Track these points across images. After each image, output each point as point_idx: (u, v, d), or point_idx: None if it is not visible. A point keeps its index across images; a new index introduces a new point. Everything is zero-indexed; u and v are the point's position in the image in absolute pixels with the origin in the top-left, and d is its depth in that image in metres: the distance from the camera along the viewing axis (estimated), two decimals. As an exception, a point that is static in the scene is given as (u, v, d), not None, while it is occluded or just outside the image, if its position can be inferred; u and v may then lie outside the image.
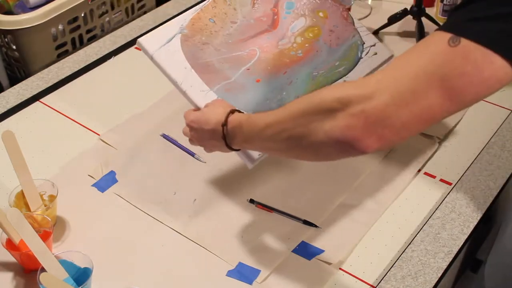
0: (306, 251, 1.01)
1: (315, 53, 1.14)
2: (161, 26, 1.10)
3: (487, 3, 0.63)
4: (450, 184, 1.12)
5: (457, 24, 0.64)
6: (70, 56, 1.47)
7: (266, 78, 1.09)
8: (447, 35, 0.63)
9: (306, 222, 1.05)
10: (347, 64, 1.13)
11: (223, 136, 0.90)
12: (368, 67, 1.14)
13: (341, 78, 1.12)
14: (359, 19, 1.23)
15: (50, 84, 1.38)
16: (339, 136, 0.67)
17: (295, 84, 1.09)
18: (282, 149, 0.79)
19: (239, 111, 0.91)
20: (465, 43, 0.62)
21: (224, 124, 0.89)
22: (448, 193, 1.11)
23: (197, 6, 1.13)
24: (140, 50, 1.48)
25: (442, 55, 0.63)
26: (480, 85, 0.63)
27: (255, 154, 1.00)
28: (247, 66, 1.09)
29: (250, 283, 0.97)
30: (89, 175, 1.15)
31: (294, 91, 1.09)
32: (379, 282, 0.97)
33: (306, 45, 1.14)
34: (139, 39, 1.07)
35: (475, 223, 1.05)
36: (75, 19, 1.50)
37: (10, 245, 0.96)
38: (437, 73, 0.63)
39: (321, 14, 1.18)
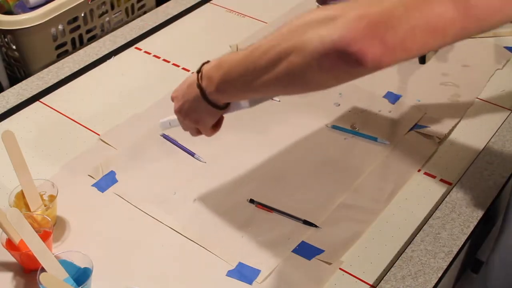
0: (306, 251, 1.01)
1: None
2: None
3: None
4: (450, 184, 1.12)
5: None
6: (70, 56, 1.47)
7: None
8: None
9: (306, 222, 1.05)
10: None
11: (198, 84, 0.81)
12: None
13: None
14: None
15: (50, 84, 1.38)
16: (335, 44, 0.58)
17: None
18: (265, 79, 0.67)
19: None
20: None
21: (199, 70, 0.82)
22: (448, 193, 1.11)
23: None
24: (140, 50, 1.49)
25: None
26: (501, 7, 0.57)
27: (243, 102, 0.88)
28: None
29: (250, 283, 0.97)
30: (89, 175, 1.15)
31: None
32: (379, 282, 0.97)
33: None
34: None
35: (475, 223, 1.05)
36: (75, 19, 1.51)
37: (10, 245, 0.96)
38: None
39: None
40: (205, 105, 0.83)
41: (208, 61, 0.83)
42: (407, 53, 0.58)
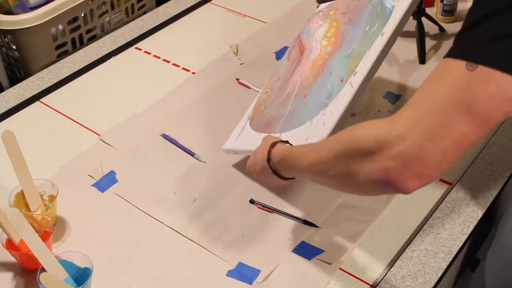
0: (306, 251, 1.01)
1: (342, 37, 1.11)
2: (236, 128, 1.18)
3: (490, 24, 0.63)
4: (450, 184, 1.12)
5: (468, 50, 0.64)
6: (70, 56, 1.47)
7: (310, 88, 1.08)
8: (462, 62, 0.64)
9: (306, 222, 1.05)
10: (380, 21, 1.07)
11: (273, 171, 0.92)
12: (402, 9, 1.06)
13: (378, 35, 1.05)
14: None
15: (50, 84, 1.38)
16: (379, 179, 0.67)
17: (335, 71, 1.06)
18: (330, 184, 0.80)
19: (282, 141, 0.94)
20: (482, 67, 0.63)
21: (268, 159, 0.93)
22: (448, 193, 1.11)
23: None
24: (140, 50, 1.49)
25: (464, 80, 0.63)
26: (505, 104, 0.63)
27: None
28: (294, 94, 1.10)
29: (250, 283, 0.97)
30: (89, 175, 1.15)
31: (336, 78, 1.05)
32: (379, 282, 0.97)
33: (332, 39, 1.13)
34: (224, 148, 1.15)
35: (475, 223, 1.05)
36: (75, 19, 1.51)
37: (10, 245, 0.96)
38: (462, 100, 0.63)
39: (332, 12, 1.17)
40: (280, 180, 0.94)
41: (274, 144, 0.93)
42: (444, 171, 0.66)
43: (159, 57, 1.46)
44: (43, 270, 0.89)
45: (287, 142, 0.96)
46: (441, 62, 0.67)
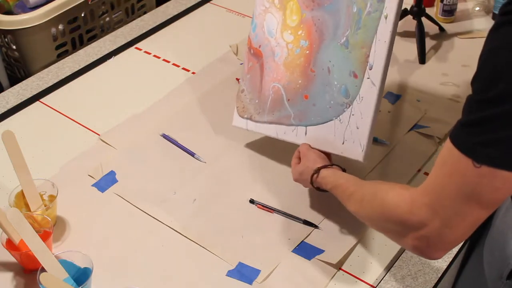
0: (306, 251, 1.01)
1: (317, 27, 1.05)
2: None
3: (495, 125, 0.68)
4: (450, 184, 1.12)
5: (475, 147, 0.69)
6: (70, 56, 1.47)
7: (308, 89, 1.07)
8: (469, 160, 0.70)
9: (306, 222, 1.05)
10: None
11: (316, 187, 1.03)
12: None
13: (380, 18, 0.97)
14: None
15: (50, 84, 1.38)
16: (411, 250, 0.80)
17: (336, 66, 1.03)
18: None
19: (325, 166, 1.00)
20: (487, 167, 0.69)
21: (312, 183, 1.02)
22: (448, 193, 1.10)
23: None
24: (140, 50, 1.49)
25: (471, 177, 0.70)
26: (509, 191, 0.71)
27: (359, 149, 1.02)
28: (287, 98, 1.10)
29: (250, 283, 0.97)
30: (89, 175, 1.15)
31: (342, 72, 1.02)
32: (379, 282, 0.97)
33: (299, 32, 1.08)
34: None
35: (475, 223, 1.05)
36: (75, 19, 1.51)
37: (10, 245, 0.96)
38: (473, 194, 0.71)
39: None
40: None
41: (322, 168, 1.01)
42: (463, 240, 0.78)
43: (159, 57, 1.46)
44: (43, 270, 0.89)
45: (332, 165, 1.01)
46: (448, 145, 0.72)
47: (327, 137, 1.05)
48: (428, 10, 1.49)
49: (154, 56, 1.47)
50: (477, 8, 1.59)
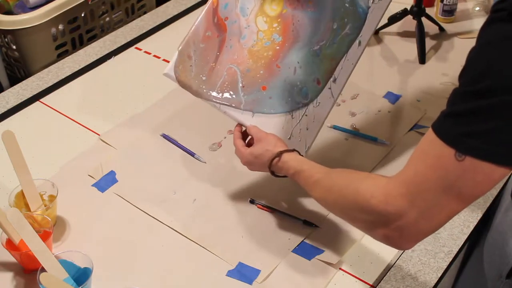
0: (306, 251, 1.01)
1: (294, 27, 1.05)
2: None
3: (480, 117, 0.67)
4: (450, 184, 1.12)
5: (458, 138, 0.69)
6: (70, 56, 1.47)
7: (268, 81, 1.05)
8: (451, 150, 0.69)
9: (306, 222, 1.05)
10: (352, 22, 1.04)
11: (271, 171, 0.99)
12: (380, 13, 1.05)
13: (354, 41, 1.04)
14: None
15: (50, 84, 1.38)
16: (380, 239, 0.79)
17: (302, 69, 1.05)
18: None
19: (288, 151, 0.97)
20: (470, 158, 0.68)
21: (271, 168, 0.98)
22: (448, 193, 1.10)
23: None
24: (140, 50, 1.49)
25: (453, 170, 0.70)
26: (489, 186, 0.71)
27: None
28: (241, 84, 1.05)
29: (250, 283, 0.97)
30: (89, 175, 1.15)
31: (307, 76, 1.04)
32: (379, 282, 0.97)
33: (274, 25, 1.06)
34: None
35: (475, 223, 1.05)
36: (75, 19, 1.51)
37: (10, 245, 0.96)
38: (453, 187, 0.70)
39: None
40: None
41: (284, 152, 0.97)
42: (434, 232, 0.76)
43: (159, 57, 1.46)
44: (43, 270, 0.89)
45: (293, 150, 0.98)
46: (430, 136, 0.72)
47: (275, 127, 1.03)
48: (428, 10, 1.49)
49: (154, 56, 1.47)
50: (477, 8, 1.59)
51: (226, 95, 1.05)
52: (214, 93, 1.05)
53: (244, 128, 1.05)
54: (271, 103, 1.05)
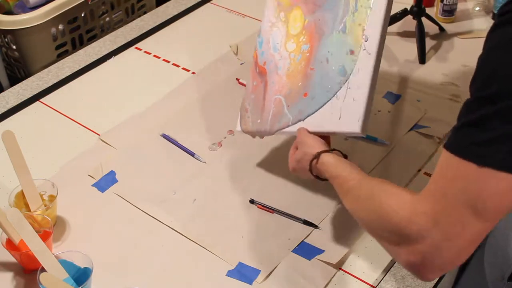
0: (306, 251, 1.01)
1: (318, 27, 1.04)
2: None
3: (493, 125, 0.65)
4: (450, 184, 1.12)
5: (470, 148, 0.67)
6: (70, 56, 1.47)
7: (306, 87, 1.04)
8: (468, 163, 0.66)
9: (306, 222, 1.05)
10: None
11: (315, 176, 0.97)
12: None
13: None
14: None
15: (50, 84, 1.38)
16: (405, 267, 0.74)
17: (334, 54, 1.01)
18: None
19: (326, 151, 0.95)
20: (488, 169, 0.65)
21: (311, 170, 0.96)
22: (448, 193, 1.10)
23: None
24: (140, 50, 1.49)
25: (475, 179, 0.66)
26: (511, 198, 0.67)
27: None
28: (287, 105, 1.06)
29: (250, 283, 0.97)
30: (89, 175, 1.15)
31: (339, 56, 1.01)
32: (379, 282, 0.97)
33: (301, 38, 1.06)
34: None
35: (475, 223, 1.05)
36: (75, 19, 1.51)
37: (10, 245, 0.96)
38: (474, 202, 0.67)
39: (284, 2, 1.09)
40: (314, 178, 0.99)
41: (322, 152, 0.95)
42: (462, 261, 0.71)
43: (159, 57, 1.46)
44: (43, 270, 0.89)
45: (332, 150, 0.96)
46: (445, 155, 0.69)
47: (324, 115, 1.01)
48: (428, 10, 1.49)
49: (154, 56, 1.47)
50: (477, 8, 1.59)
51: (277, 124, 1.06)
52: (267, 127, 1.08)
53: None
54: (315, 102, 1.02)
